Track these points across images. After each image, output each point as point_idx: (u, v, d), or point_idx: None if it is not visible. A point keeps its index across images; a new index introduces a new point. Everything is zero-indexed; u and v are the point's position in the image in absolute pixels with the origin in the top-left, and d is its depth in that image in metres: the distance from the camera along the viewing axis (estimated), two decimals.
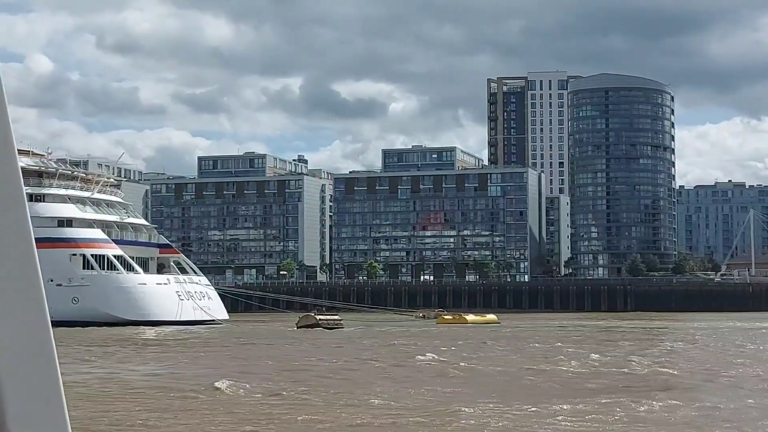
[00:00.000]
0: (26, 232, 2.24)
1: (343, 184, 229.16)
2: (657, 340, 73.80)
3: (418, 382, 38.81)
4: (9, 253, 2.23)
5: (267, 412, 30.03)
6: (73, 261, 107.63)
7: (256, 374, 41.11)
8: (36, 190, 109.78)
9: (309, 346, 62.94)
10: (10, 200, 2.20)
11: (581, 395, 33.95)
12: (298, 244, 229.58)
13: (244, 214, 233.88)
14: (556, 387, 37.43)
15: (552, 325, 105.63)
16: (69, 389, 33.77)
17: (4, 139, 2.19)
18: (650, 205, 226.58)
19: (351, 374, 42.54)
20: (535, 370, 44.28)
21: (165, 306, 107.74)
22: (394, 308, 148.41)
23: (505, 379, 41.02)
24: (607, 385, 37.91)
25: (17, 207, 2.23)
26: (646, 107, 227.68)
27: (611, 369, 45.24)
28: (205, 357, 54.86)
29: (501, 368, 45.25)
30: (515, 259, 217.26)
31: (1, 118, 2.17)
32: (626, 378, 41.19)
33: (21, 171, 2.31)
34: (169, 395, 34.15)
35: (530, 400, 32.42)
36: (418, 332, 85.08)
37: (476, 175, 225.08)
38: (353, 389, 35.69)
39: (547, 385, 38.10)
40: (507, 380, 40.40)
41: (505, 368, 45.34)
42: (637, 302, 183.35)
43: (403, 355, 53.59)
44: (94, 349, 63.59)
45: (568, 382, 39.47)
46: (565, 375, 42.30)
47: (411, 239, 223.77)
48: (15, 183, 2.20)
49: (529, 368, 44.98)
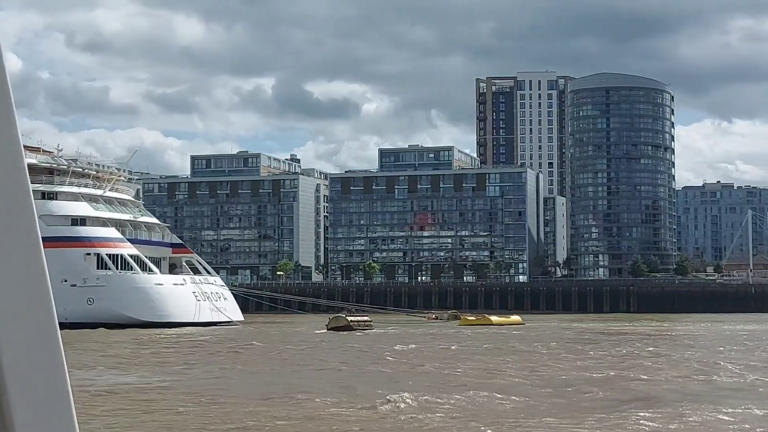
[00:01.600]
0: (33, 231, 2.16)
1: (339, 183, 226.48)
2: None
3: (589, 398, 36.39)
4: (15, 254, 2.14)
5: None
6: (87, 261, 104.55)
7: (415, 385, 37.88)
8: (48, 188, 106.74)
9: (395, 351, 59.90)
10: (16, 199, 2.12)
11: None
12: (293, 245, 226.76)
13: (238, 213, 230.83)
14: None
15: (593, 327, 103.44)
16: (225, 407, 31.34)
17: (10, 138, 2.11)
18: (651, 205, 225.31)
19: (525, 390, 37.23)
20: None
21: (182, 307, 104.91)
22: (407, 309, 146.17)
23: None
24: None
25: (24, 206, 2.14)
26: (647, 107, 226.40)
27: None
28: (316, 366, 51.09)
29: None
30: (514, 260, 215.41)
31: (7, 117, 2.10)
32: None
33: (32, 168, 1.99)
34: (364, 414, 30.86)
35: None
36: (458, 334, 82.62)
37: (474, 175, 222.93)
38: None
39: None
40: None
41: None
42: (640, 303, 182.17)
43: (527, 363, 50.59)
44: (180, 353, 60.76)
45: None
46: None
47: (408, 240, 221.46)
48: (21, 182, 2.13)
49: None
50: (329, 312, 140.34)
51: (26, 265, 2.14)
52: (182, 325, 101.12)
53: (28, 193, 2.11)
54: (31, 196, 2.11)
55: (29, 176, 2.09)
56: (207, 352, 62.28)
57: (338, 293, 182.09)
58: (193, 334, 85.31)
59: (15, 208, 2.07)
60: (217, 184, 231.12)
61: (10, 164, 2.06)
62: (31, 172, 74.37)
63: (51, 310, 2.20)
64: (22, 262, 2.13)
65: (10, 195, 2.05)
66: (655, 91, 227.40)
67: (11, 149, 2.06)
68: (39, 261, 2.18)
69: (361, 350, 61.16)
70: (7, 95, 2.06)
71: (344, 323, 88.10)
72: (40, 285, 2.18)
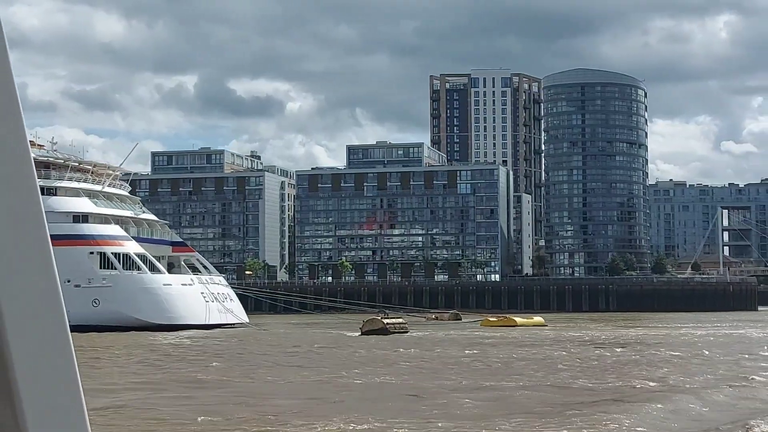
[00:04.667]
0: (41, 228, 2.14)
1: (306, 181, 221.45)
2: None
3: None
4: (24, 251, 2.11)
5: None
6: (91, 260, 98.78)
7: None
8: (47, 183, 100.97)
9: (491, 359, 55.97)
10: (24, 194, 2.07)
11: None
12: (259, 243, 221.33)
13: (202, 211, 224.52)
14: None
15: (624, 334, 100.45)
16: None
17: (16, 132, 2.04)
18: (626, 202, 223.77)
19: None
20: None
21: (192, 309, 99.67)
22: (403, 309, 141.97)
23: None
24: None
25: (31, 201, 2.09)
26: (622, 103, 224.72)
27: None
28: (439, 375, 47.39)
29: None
30: (486, 258, 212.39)
31: (13, 112, 2.03)
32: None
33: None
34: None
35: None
36: (520, 338, 78.84)
37: (445, 173, 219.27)
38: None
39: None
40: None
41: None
42: (619, 302, 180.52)
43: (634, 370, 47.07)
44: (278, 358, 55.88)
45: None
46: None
47: (378, 238, 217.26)
48: (29, 177, 2.08)
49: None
50: (328, 312, 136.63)
51: (35, 263, 2.12)
52: (192, 328, 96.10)
53: (35, 189, 2.08)
54: (39, 191, 2.07)
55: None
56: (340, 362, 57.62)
57: (310, 293, 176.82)
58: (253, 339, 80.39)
59: (23, 204, 2.05)
60: (179, 181, 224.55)
61: (17, 160, 2.02)
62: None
63: (61, 309, 2.18)
64: (31, 260, 2.11)
65: (18, 191, 2.03)
66: (630, 87, 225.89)
67: (18, 144, 2.03)
68: (48, 259, 2.15)
69: (450, 358, 57.04)
70: (12, 89, 2.03)
71: (380, 326, 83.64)
72: (50, 283, 2.16)
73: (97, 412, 28.79)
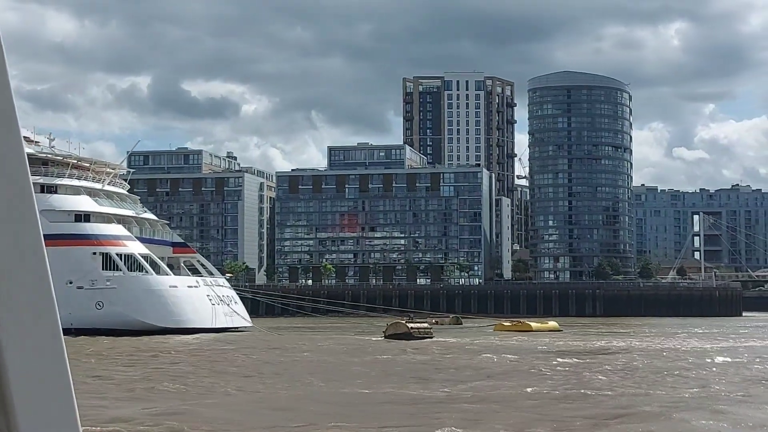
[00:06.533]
0: (34, 229, 2.06)
1: (286, 182, 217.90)
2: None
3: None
4: (17, 253, 2.05)
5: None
6: (94, 260, 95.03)
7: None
8: (48, 181, 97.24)
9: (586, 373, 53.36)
10: (17, 193, 2.02)
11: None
12: (238, 245, 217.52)
13: (179, 212, 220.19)
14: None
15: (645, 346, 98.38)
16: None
17: (8, 127, 2.01)
18: (611, 207, 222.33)
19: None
20: None
21: (199, 312, 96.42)
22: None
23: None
24: None
25: (24, 200, 2.04)
26: (607, 106, 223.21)
27: None
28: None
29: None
30: (470, 262, 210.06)
31: (6, 109, 2.02)
32: None
33: (29, 159, 2.02)
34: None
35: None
36: (532, 344, 76.51)
37: (428, 175, 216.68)
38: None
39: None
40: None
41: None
42: (606, 307, 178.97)
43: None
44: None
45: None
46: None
47: (359, 240, 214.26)
48: (22, 176, 2.04)
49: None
50: (326, 315, 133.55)
51: (27, 263, 2.05)
52: (200, 332, 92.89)
53: (29, 188, 2.04)
54: (32, 190, 2.03)
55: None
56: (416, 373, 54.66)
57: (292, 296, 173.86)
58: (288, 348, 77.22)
59: (15, 204, 2.00)
60: (156, 182, 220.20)
61: (10, 157, 1.98)
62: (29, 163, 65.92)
63: (53, 311, 2.12)
64: (23, 260, 2.05)
65: (10, 189, 1.99)
66: (616, 91, 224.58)
67: (11, 141, 1.99)
68: (41, 259, 2.09)
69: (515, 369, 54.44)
70: (7, 86, 2.04)
71: (404, 330, 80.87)
72: (42, 285, 2.09)
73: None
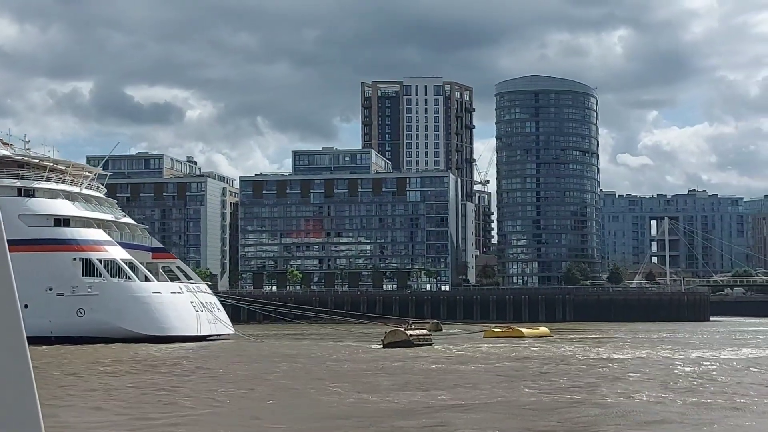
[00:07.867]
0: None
1: (250, 187, 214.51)
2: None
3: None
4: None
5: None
6: (75, 266, 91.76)
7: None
8: (25, 184, 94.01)
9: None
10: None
11: None
12: (200, 251, 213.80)
13: (140, 218, 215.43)
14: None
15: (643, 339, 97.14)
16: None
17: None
18: (578, 211, 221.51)
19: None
20: None
21: (184, 319, 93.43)
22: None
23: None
24: None
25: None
26: (574, 111, 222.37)
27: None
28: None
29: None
30: (437, 267, 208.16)
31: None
32: None
33: (3, 161, 1.88)
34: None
35: None
36: (556, 353, 74.73)
37: (394, 180, 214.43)
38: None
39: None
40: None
41: None
42: (576, 312, 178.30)
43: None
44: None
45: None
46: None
47: (324, 246, 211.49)
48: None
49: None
50: (298, 321, 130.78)
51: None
52: (184, 340, 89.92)
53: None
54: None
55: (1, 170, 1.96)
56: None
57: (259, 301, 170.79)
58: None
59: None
60: (116, 186, 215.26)
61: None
62: (2, 165, 60.67)
63: (17, 316, 2.04)
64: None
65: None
66: (582, 95, 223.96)
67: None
68: (5, 267, 2.05)
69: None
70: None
71: (403, 338, 78.62)
72: (5, 291, 2.02)
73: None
